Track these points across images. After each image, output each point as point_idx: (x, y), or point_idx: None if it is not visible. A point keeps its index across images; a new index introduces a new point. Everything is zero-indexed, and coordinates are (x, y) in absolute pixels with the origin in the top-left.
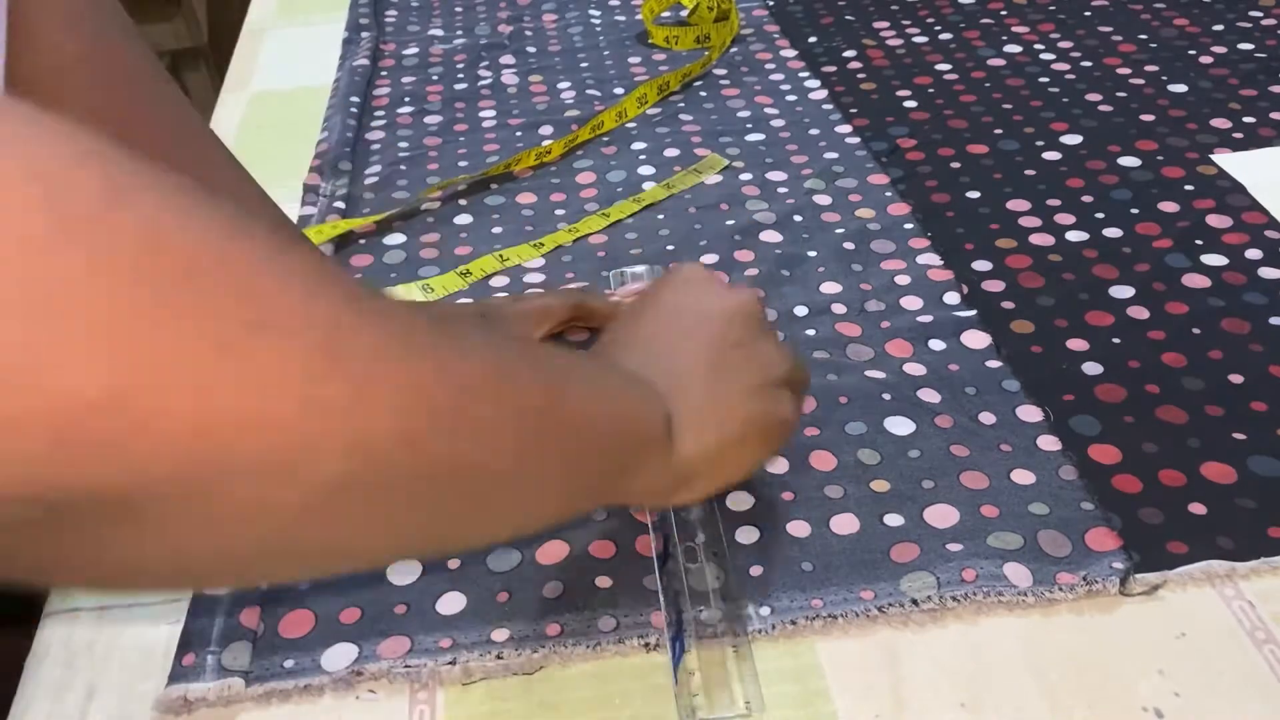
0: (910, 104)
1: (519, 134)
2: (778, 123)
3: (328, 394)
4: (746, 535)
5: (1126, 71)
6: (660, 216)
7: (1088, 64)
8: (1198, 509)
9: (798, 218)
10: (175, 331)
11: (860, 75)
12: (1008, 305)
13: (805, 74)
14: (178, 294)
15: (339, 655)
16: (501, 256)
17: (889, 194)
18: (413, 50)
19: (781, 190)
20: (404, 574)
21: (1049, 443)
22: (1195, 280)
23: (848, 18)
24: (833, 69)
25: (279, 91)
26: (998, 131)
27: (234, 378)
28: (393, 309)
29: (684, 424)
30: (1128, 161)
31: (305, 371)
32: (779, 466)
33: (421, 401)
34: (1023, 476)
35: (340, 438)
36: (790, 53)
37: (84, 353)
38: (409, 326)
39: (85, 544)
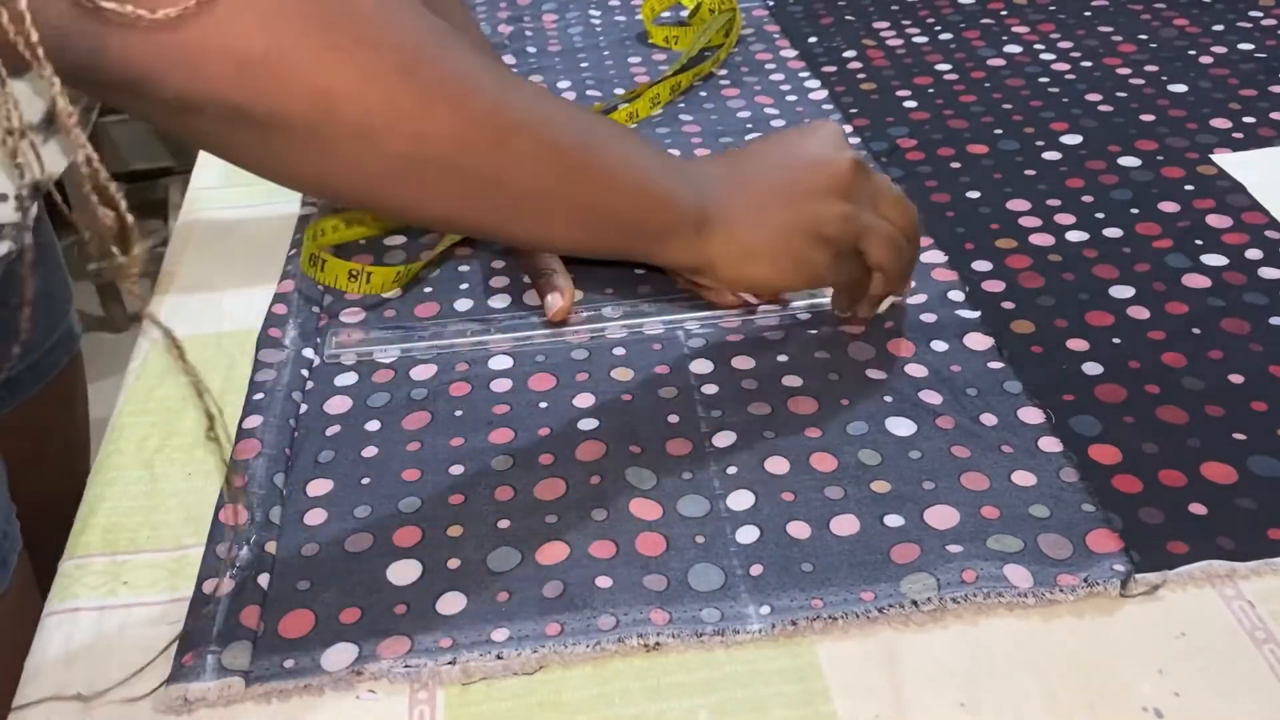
0: (910, 104)
1: None
2: (778, 123)
3: (401, 97)
4: (746, 535)
5: (1126, 71)
6: None
7: (1088, 64)
8: (1198, 509)
9: None
10: (318, 37)
11: (860, 75)
12: (1008, 305)
13: (805, 74)
14: (336, 21)
15: (339, 655)
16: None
17: None
18: None
19: None
20: (404, 574)
21: (1050, 444)
22: (1195, 280)
23: (848, 18)
24: (833, 69)
25: None
26: (998, 131)
27: (339, 68)
28: (475, 54)
29: (723, 223)
30: (1128, 161)
31: (387, 78)
32: (779, 467)
33: (472, 125)
34: (1024, 478)
35: (407, 128)
36: (790, 53)
37: (270, 34)
38: (482, 71)
39: (261, 143)
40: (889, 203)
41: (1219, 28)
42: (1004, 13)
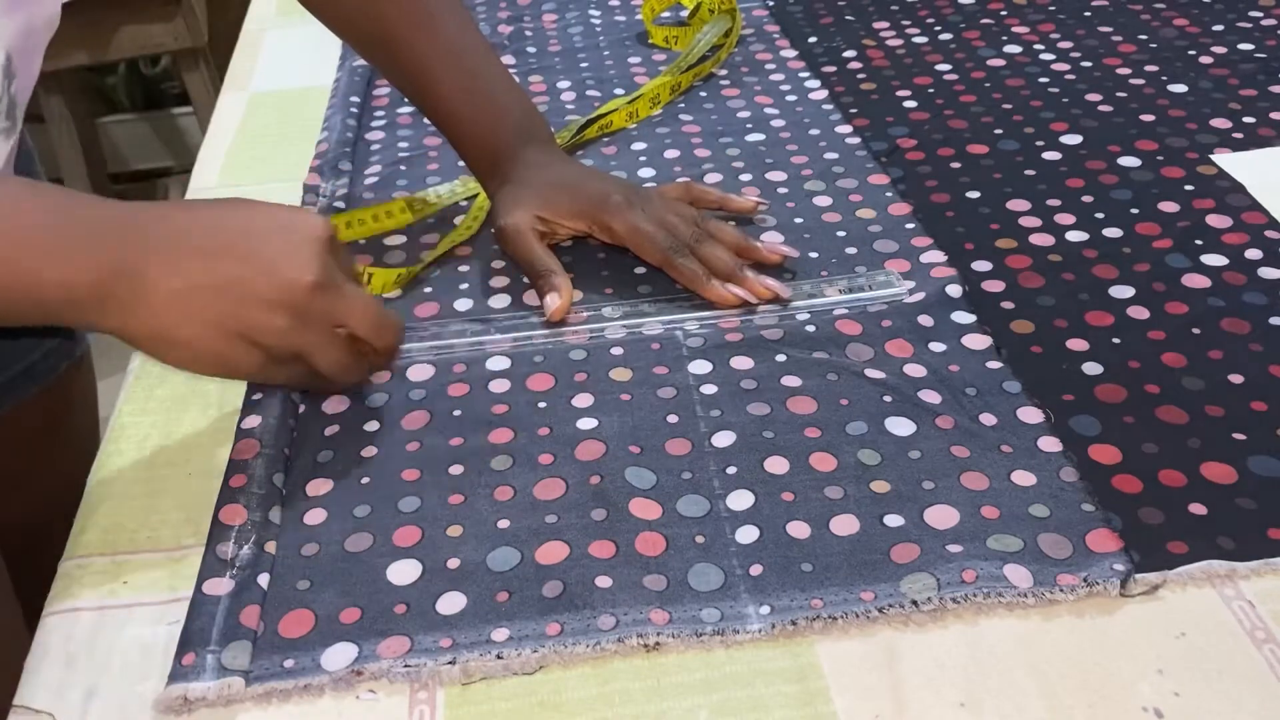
0: (910, 104)
1: None
2: (778, 123)
3: None
4: (746, 535)
5: (1126, 71)
6: None
7: (1088, 64)
8: (1198, 509)
9: (798, 219)
10: None
11: (860, 75)
12: (1008, 305)
13: (805, 74)
14: None
15: (339, 655)
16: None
17: (889, 194)
18: None
19: (782, 191)
20: (404, 574)
21: (1049, 444)
22: (1195, 280)
23: (848, 18)
24: (833, 69)
25: (279, 91)
26: (998, 131)
27: None
28: None
29: (140, 299)
30: (1128, 161)
31: None
32: (779, 466)
33: None
34: (1023, 478)
35: None
36: (790, 53)
37: None
38: None
39: None
40: (356, 320)
41: (1219, 28)
42: (1004, 13)
